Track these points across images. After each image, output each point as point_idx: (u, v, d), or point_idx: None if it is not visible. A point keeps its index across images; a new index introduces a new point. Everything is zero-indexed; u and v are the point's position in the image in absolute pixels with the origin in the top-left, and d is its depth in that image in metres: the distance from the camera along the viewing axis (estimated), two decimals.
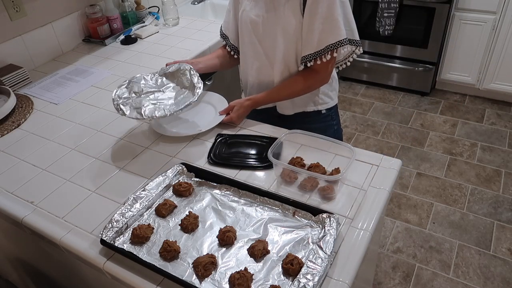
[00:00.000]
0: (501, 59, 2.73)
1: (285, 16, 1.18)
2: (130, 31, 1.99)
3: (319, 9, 1.13)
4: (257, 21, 1.24)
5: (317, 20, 1.14)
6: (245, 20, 1.27)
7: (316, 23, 1.15)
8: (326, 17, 1.14)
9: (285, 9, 1.18)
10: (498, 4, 2.58)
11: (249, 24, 1.26)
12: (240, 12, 1.29)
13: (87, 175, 1.14)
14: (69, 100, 1.53)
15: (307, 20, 1.16)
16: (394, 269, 1.94)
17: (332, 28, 1.15)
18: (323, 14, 1.13)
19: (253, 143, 1.20)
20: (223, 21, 1.42)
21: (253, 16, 1.24)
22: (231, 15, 1.36)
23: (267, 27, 1.23)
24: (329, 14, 1.13)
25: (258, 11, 1.23)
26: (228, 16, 1.38)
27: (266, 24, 1.23)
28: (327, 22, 1.14)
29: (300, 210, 0.95)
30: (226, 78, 2.04)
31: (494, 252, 1.97)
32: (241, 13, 1.28)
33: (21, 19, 1.70)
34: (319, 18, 1.14)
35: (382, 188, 1.01)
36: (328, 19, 1.14)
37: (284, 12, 1.18)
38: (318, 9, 1.13)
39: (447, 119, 2.89)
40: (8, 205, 1.07)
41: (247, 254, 0.88)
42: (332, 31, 1.15)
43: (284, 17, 1.19)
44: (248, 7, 1.25)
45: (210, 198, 1.03)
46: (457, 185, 2.35)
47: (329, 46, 1.16)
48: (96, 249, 0.92)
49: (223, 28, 1.42)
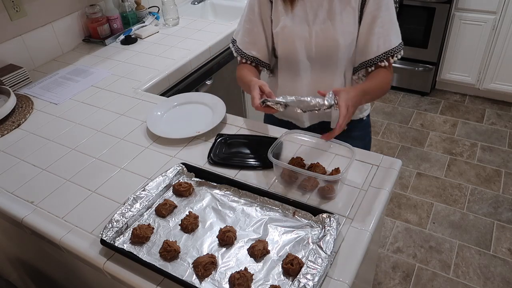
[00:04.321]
0: (501, 59, 2.73)
1: (343, 24, 1.15)
2: (130, 31, 1.99)
3: (381, 13, 1.13)
4: (306, 36, 1.18)
5: (378, 25, 1.14)
6: (290, 36, 1.19)
7: (376, 28, 1.14)
8: (388, 21, 1.14)
9: (342, 17, 1.15)
10: (498, 4, 2.58)
11: (296, 41, 1.19)
12: (279, 28, 1.20)
13: (87, 175, 1.14)
14: (69, 100, 1.53)
15: (368, 25, 1.15)
16: (394, 269, 1.94)
17: (395, 32, 1.16)
18: (385, 18, 1.13)
19: (253, 143, 1.20)
20: (242, 41, 1.28)
21: (300, 31, 1.18)
22: (260, 33, 1.25)
23: (323, 40, 1.18)
24: (391, 18, 1.14)
25: (305, 25, 1.17)
26: (253, 36, 1.26)
27: (321, 38, 1.17)
28: (388, 26, 1.14)
29: (300, 210, 0.95)
30: (226, 78, 2.04)
31: (494, 252, 1.97)
32: (279, 29, 1.20)
33: (21, 19, 1.70)
34: (380, 23, 1.13)
35: (382, 188, 1.01)
36: (390, 22, 1.14)
37: (342, 20, 1.15)
38: (380, 13, 1.12)
39: (447, 119, 2.89)
40: (8, 205, 1.07)
41: (247, 254, 0.88)
42: (394, 34, 1.16)
43: (343, 25, 1.15)
44: (290, 23, 1.18)
45: (210, 198, 1.03)
46: (457, 185, 2.35)
47: (392, 49, 1.16)
48: (96, 249, 0.92)
49: (245, 49, 1.28)
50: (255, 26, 1.25)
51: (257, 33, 1.25)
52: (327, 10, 1.15)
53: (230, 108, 1.36)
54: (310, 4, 1.16)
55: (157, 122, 1.30)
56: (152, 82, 1.60)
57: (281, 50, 1.25)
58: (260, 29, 1.25)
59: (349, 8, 1.14)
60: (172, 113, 1.36)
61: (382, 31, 1.15)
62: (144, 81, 1.60)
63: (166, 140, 1.24)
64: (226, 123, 1.30)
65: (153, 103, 1.45)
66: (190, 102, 1.40)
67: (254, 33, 1.26)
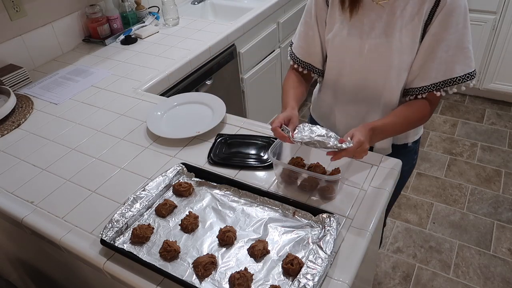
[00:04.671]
0: (501, 59, 2.73)
1: (401, 43, 1.02)
2: (130, 31, 1.99)
3: (448, 36, 0.98)
4: (357, 50, 1.08)
5: (442, 48, 0.99)
6: (340, 47, 1.10)
7: (440, 52, 1.00)
8: (455, 46, 0.99)
9: (402, 35, 1.01)
10: (498, 4, 2.58)
11: (345, 53, 1.10)
12: (331, 36, 1.12)
13: (87, 175, 1.14)
14: (69, 100, 1.53)
15: (428, 47, 1.01)
16: (394, 269, 1.94)
17: (461, 59, 1.01)
18: (451, 41, 0.99)
19: (253, 143, 1.19)
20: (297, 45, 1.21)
21: (352, 44, 1.08)
22: (316, 37, 1.17)
23: (375, 56, 1.06)
24: (460, 42, 0.99)
25: (357, 38, 1.07)
26: (307, 39, 1.18)
27: (373, 53, 1.06)
28: (455, 51, 1.00)
29: (300, 210, 0.95)
30: (226, 78, 2.04)
31: (494, 252, 1.97)
32: (331, 37, 1.11)
33: (21, 19, 1.70)
34: (444, 46, 0.99)
35: (382, 188, 1.01)
36: (457, 48, 1.00)
37: (401, 38, 1.02)
38: (446, 36, 0.98)
39: (447, 119, 2.89)
40: (8, 205, 1.07)
41: (247, 254, 0.88)
42: (461, 61, 1.01)
43: (400, 44, 1.02)
44: (345, 31, 1.08)
45: (210, 198, 1.02)
46: (457, 185, 2.35)
47: (454, 78, 1.02)
48: (96, 249, 0.92)
49: (298, 54, 1.22)
50: (310, 29, 1.17)
51: (312, 36, 1.17)
52: (385, 24, 1.03)
53: (230, 108, 1.36)
54: (369, 14, 1.04)
55: (157, 122, 1.30)
56: (152, 82, 1.60)
57: (329, 59, 1.17)
58: (315, 32, 1.16)
59: (411, 26, 1.00)
60: (172, 113, 1.36)
61: (446, 57, 1.00)
62: (144, 81, 1.60)
63: (166, 140, 1.24)
64: (226, 123, 1.30)
65: (153, 103, 1.45)
66: (190, 102, 1.40)
67: (309, 36, 1.18)
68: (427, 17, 0.99)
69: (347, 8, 1.06)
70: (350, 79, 1.14)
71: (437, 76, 1.03)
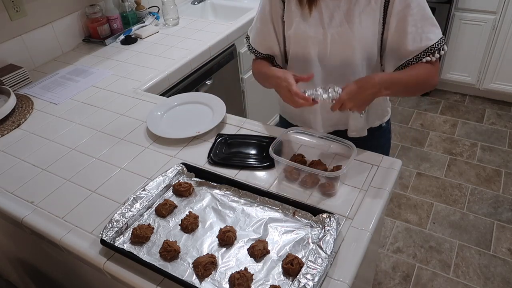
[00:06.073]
0: (501, 59, 2.73)
1: (362, 28, 1.05)
2: (130, 31, 1.99)
3: (412, 10, 1.02)
4: (321, 39, 1.09)
5: (409, 23, 1.03)
6: (303, 39, 1.12)
7: (409, 27, 1.03)
8: (420, 18, 1.03)
9: (361, 20, 1.05)
10: (498, 4, 2.58)
11: (309, 44, 1.11)
12: (291, 31, 1.13)
13: (87, 175, 1.14)
14: (69, 100, 1.53)
15: (397, 26, 1.04)
16: (394, 269, 1.94)
17: (430, 28, 1.04)
18: (416, 15, 1.02)
19: (253, 143, 1.19)
20: (255, 41, 1.23)
21: (314, 34, 1.09)
22: (272, 34, 1.18)
23: (338, 44, 1.09)
24: (423, 13, 1.03)
25: (320, 28, 1.09)
26: (264, 36, 1.20)
27: (337, 41, 1.09)
28: (422, 23, 1.03)
29: (300, 210, 0.95)
30: (226, 78, 2.04)
31: (494, 252, 1.97)
32: (292, 31, 1.13)
33: (21, 19, 1.70)
34: (411, 21, 1.03)
35: (382, 188, 1.01)
36: (423, 19, 1.03)
37: (360, 23, 1.05)
38: (410, 10, 1.02)
39: (447, 119, 2.89)
40: (8, 205, 1.07)
41: (247, 254, 0.88)
42: (431, 30, 1.04)
43: (361, 29, 1.05)
44: (303, 25, 1.10)
45: (210, 198, 1.03)
46: (457, 185, 2.35)
47: (433, 45, 1.04)
48: (96, 249, 0.92)
49: (257, 48, 1.23)
50: (265, 26, 1.18)
51: (267, 32, 1.19)
52: (344, 12, 1.06)
53: (230, 108, 1.36)
54: (326, 4, 1.07)
55: (157, 122, 1.30)
56: (152, 82, 1.60)
57: (292, 54, 1.18)
58: (271, 29, 1.18)
59: (369, 9, 1.04)
60: (172, 113, 1.36)
61: (416, 30, 1.04)
62: (144, 81, 1.60)
63: (166, 140, 1.24)
64: (226, 123, 1.30)
65: (153, 103, 1.45)
66: (190, 102, 1.40)
67: (264, 32, 1.19)
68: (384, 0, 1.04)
69: (305, 4, 1.08)
70: (317, 70, 1.15)
71: (415, 49, 1.05)
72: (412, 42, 1.05)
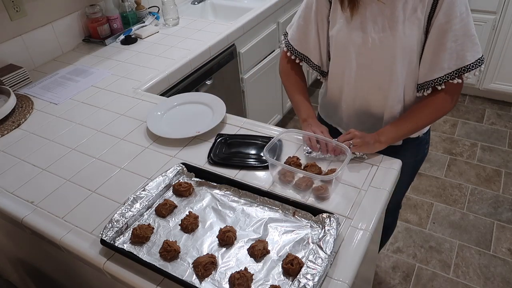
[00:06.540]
0: (501, 59, 2.73)
1: (405, 35, 1.03)
2: (130, 31, 1.99)
3: (454, 26, 1.00)
4: (361, 44, 1.08)
5: (450, 39, 1.01)
6: (344, 42, 1.11)
7: (448, 42, 1.01)
8: (462, 35, 1.01)
9: (405, 27, 1.02)
10: (498, 4, 2.58)
11: (350, 47, 1.10)
12: (334, 32, 1.12)
13: (87, 175, 1.14)
14: (69, 100, 1.53)
15: (436, 39, 1.02)
16: (394, 269, 1.94)
17: (470, 46, 1.02)
18: (458, 31, 1.00)
19: (253, 143, 1.20)
20: (294, 37, 1.23)
21: (356, 38, 1.08)
22: (312, 33, 1.17)
23: (379, 50, 1.07)
24: (466, 30, 1.01)
25: (360, 32, 1.07)
26: (305, 33, 1.19)
27: (378, 47, 1.07)
28: (463, 40, 1.01)
29: (300, 210, 0.95)
30: (226, 78, 2.04)
31: (494, 252, 1.97)
32: (335, 33, 1.12)
33: (21, 19, 1.70)
34: (452, 36, 1.01)
35: (382, 188, 1.01)
36: (465, 36, 1.01)
37: (404, 30, 1.03)
38: (452, 26, 1.00)
39: (447, 119, 2.89)
40: (8, 205, 1.07)
41: (247, 254, 0.88)
42: (470, 49, 1.02)
43: (404, 37, 1.03)
44: (345, 27, 1.09)
45: (210, 198, 1.03)
46: (457, 185, 2.35)
47: (467, 66, 1.03)
48: (96, 249, 0.92)
49: (296, 45, 1.23)
50: (309, 24, 1.17)
51: (310, 31, 1.18)
52: (388, 18, 1.03)
53: (230, 108, 1.36)
54: (371, 9, 1.05)
55: (157, 122, 1.30)
56: (152, 82, 1.60)
57: (333, 55, 1.17)
58: (313, 28, 1.17)
59: (413, 17, 1.02)
60: (172, 113, 1.36)
61: (455, 46, 1.02)
62: (144, 81, 1.60)
63: (166, 140, 1.24)
64: (226, 123, 1.30)
65: (153, 103, 1.45)
66: (190, 102, 1.40)
67: (305, 30, 1.18)
68: (429, 9, 1.01)
69: (347, 7, 1.07)
70: (356, 73, 1.15)
71: (450, 66, 1.04)
72: (448, 60, 1.03)
